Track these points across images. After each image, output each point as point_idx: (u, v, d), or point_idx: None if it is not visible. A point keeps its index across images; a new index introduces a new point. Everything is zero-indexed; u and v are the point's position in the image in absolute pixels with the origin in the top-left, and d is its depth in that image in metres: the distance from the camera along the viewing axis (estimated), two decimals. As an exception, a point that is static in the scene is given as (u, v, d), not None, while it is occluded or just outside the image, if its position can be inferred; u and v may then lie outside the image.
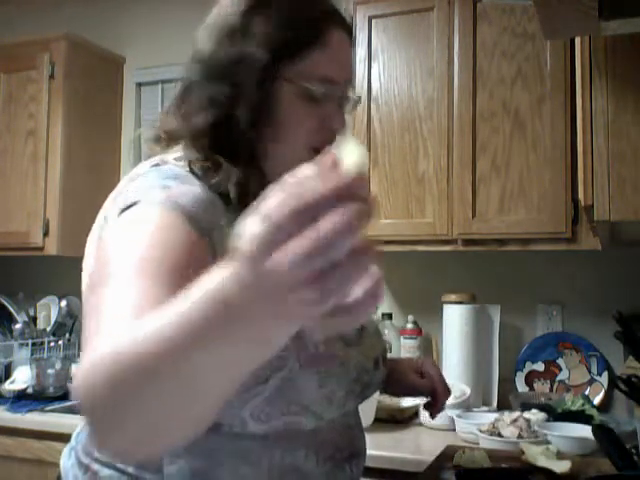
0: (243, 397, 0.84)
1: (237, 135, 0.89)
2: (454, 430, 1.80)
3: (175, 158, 0.91)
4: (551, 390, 2.13)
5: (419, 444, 1.77)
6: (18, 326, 2.51)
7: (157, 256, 0.74)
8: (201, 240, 0.80)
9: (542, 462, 1.38)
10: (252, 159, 0.90)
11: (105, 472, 0.92)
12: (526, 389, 2.15)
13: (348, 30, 0.96)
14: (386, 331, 2.22)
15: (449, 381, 1.98)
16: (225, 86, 0.89)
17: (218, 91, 0.89)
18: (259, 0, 0.91)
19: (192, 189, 0.84)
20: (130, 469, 0.90)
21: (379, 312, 2.24)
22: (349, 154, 0.52)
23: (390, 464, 1.57)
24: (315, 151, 0.89)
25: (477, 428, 1.71)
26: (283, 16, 0.90)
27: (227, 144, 0.89)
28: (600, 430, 1.49)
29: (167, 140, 0.95)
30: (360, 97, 1.06)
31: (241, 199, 0.86)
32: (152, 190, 0.83)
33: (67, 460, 1.01)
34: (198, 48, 0.97)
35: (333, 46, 0.92)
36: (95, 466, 0.93)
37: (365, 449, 1.06)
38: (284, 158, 0.91)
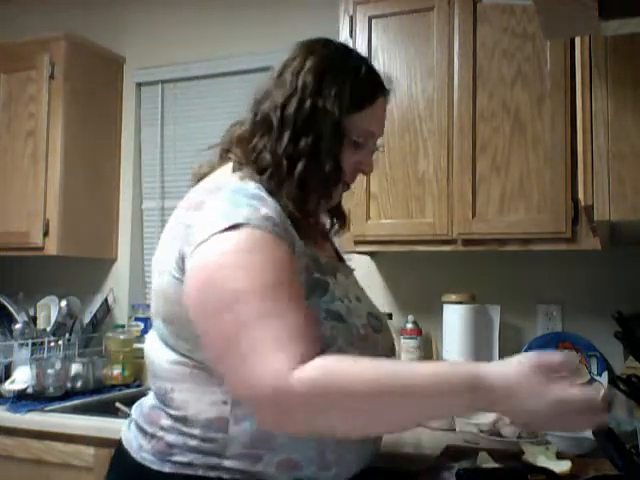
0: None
1: (317, 174, 1.13)
2: (454, 430, 1.80)
3: (242, 177, 1.12)
4: (551, 390, 2.12)
5: (419, 444, 1.76)
6: (18, 326, 2.51)
7: (282, 280, 0.97)
8: (292, 253, 1.03)
9: (542, 462, 1.38)
10: (325, 193, 1.17)
11: (171, 437, 1.08)
12: (526, 389, 2.15)
13: (388, 94, 1.24)
14: (386, 331, 2.22)
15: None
16: (309, 138, 1.12)
17: (304, 142, 1.12)
18: (327, 61, 1.16)
19: (275, 208, 1.05)
20: (196, 431, 1.06)
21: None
22: None
23: (390, 464, 1.57)
24: (346, 185, 1.21)
25: (477, 428, 1.71)
26: (348, 80, 1.15)
27: (304, 178, 1.12)
28: (600, 430, 1.49)
29: (241, 163, 1.15)
30: (384, 146, 1.32)
31: (303, 218, 1.11)
32: (243, 209, 1.01)
33: (128, 432, 1.16)
34: (272, 94, 1.16)
35: (379, 107, 1.21)
36: (160, 433, 1.09)
37: None
38: (320, 187, 1.15)
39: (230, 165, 1.17)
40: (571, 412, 0.90)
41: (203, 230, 1.01)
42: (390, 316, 2.27)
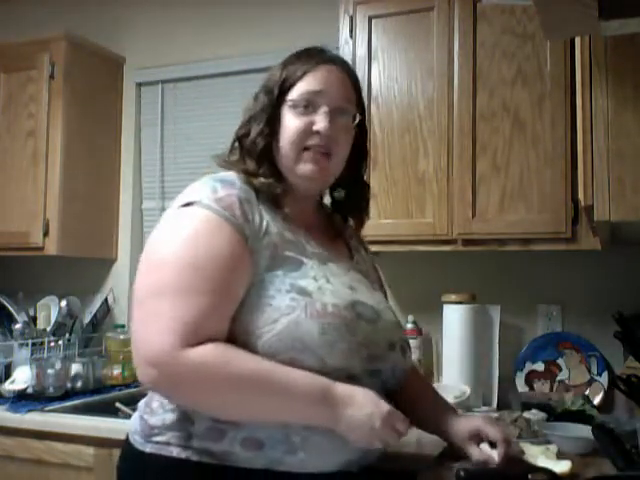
0: (256, 333, 1.10)
1: (266, 147, 1.25)
2: (454, 430, 1.80)
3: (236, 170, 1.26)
4: (551, 390, 2.13)
5: (419, 444, 1.76)
6: (18, 326, 2.51)
7: (209, 260, 1.09)
8: (238, 237, 1.12)
9: (542, 462, 1.38)
10: (272, 162, 1.26)
11: (154, 419, 1.17)
12: (526, 389, 2.15)
13: (341, 64, 1.31)
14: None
15: (449, 382, 1.98)
16: (263, 120, 1.26)
17: (261, 125, 1.27)
18: (283, 63, 1.30)
19: (233, 192, 1.17)
20: (172, 406, 1.15)
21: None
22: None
23: (390, 464, 1.57)
24: (305, 149, 1.24)
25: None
26: (289, 67, 1.28)
27: (264, 158, 1.25)
28: (600, 430, 1.49)
29: (230, 163, 1.30)
30: (356, 114, 1.31)
31: (273, 193, 1.23)
32: (202, 191, 1.16)
33: (133, 418, 1.26)
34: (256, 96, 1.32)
35: (319, 73, 1.26)
36: (146, 415, 1.19)
37: None
38: (286, 156, 1.25)
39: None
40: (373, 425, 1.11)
41: (169, 208, 1.19)
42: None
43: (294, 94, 1.25)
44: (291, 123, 1.24)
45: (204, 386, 1.07)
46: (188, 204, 1.14)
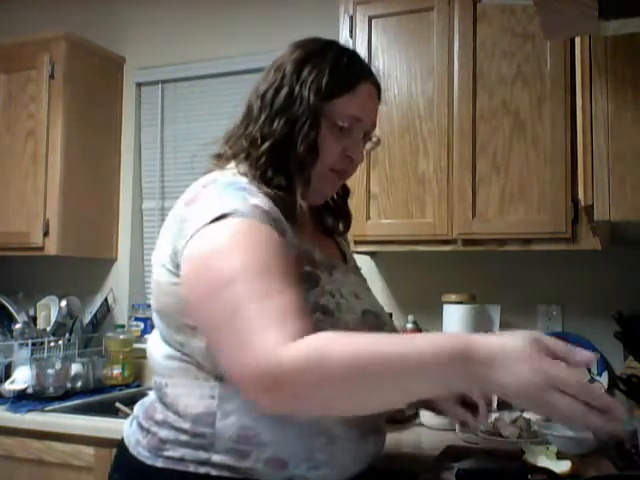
0: None
1: (292, 157, 1.16)
2: (454, 430, 1.80)
3: (234, 172, 1.17)
4: (551, 390, 2.12)
5: (419, 444, 1.77)
6: (18, 326, 2.51)
7: (273, 262, 0.99)
8: (283, 240, 1.05)
9: (542, 462, 1.38)
10: (302, 176, 1.17)
11: (163, 432, 1.10)
12: (526, 389, 2.15)
13: (376, 86, 1.26)
14: (386, 331, 2.22)
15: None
16: (282, 120, 1.16)
17: (277, 123, 1.16)
18: (309, 53, 1.20)
19: (265, 200, 1.08)
20: (186, 425, 1.08)
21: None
22: None
23: (390, 464, 1.57)
24: (335, 172, 1.21)
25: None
26: (327, 68, 1.18)
27: (282, 164, 1.15)
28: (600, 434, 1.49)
29: (228, 158, 1.21)
30: (380, 138, 1.30)
31: (291, 206, 1.13)
32: (232, 201, 1.05)
33: (129, 428, 1.19)
34: (258, 86, 1.22)
35: (361, 94, 1.21)
36: (154, 428, 1.12)
37: (385, 430, 1.27)
38: (315, 176, 1.19)
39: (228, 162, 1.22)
40: (556, 391, 0.82)
41: (194, 223, 1.05)
42: (390, 316, 2.27)
43: (335, 113, 1.18)
44: (330, 146, 1.19)
45: (341, 375, 0.89)
46: (223, 216, 1.03)
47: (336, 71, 1.19)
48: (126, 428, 1.20)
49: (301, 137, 1.16)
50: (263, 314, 0.93)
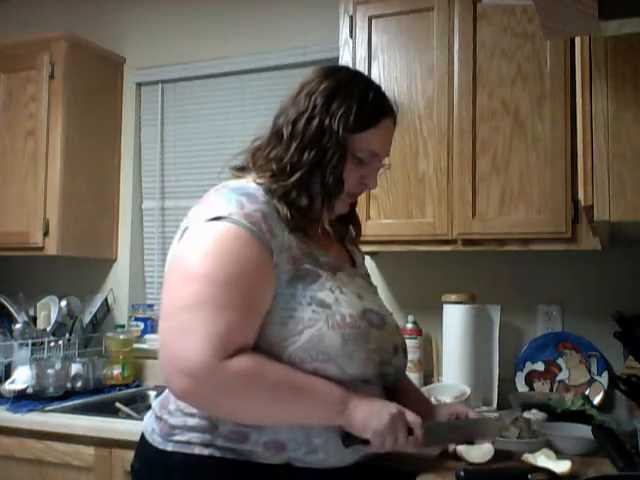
0: (281, 345, 1.16)
1: (319, 185, 1.25)
2: (454, 430, 1.80)
3: (249, 180, 1.27)
4: (551, 390, 2.13)
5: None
6: (18, 326, 2.51)
7: (241, 275, 1.13)
8: (265, 252, 1.16)
9: (542, 462, 1.38)
10: (328, 203, 1.27)
11: (173, 420, 1.21)
12: (526, 389, 2.15)
13: (394, 117, 1.35)
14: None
15: (449, 382, 1.98)
16: (313, 151, 1.24)
17: (307, 154, 1.24)
18: (339, 85, 1.27)
19: (258, 207, 1.18)
20: (194, 410, 1.19)
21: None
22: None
23: (390, 464, 1.57)
24: (351, 196, 1.33)
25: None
26: (355, 104, 1.26)
27: (308, 188, 1.25)
28: (600, 430, 1.49)
29: (250, 172, 1.29)
30: (390, 165, 1.42)
31: (308, 224, 1.26)
32: (229, 205, 1.17)
33: (148, 419, 1.29)
34: (286, 109, 1.29)
35: (383, 130, 1.31)
36: (166, 416, 1.22)
37: None
38: (330, 195, 1.27)
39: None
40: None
41: (193, 220, 1.20)
42: (390, 316, 2.27)
43: (358, 146, 1.27)
44: (350, 175, 1.28)
45: (243, 394, 1.11)
46: (216, 218, 1.16)
47: (363, 107, 1.27)
48: (145, 420, 1.30)
49: (330, 168, 1.24)
50: (208, 322, 1.09)
